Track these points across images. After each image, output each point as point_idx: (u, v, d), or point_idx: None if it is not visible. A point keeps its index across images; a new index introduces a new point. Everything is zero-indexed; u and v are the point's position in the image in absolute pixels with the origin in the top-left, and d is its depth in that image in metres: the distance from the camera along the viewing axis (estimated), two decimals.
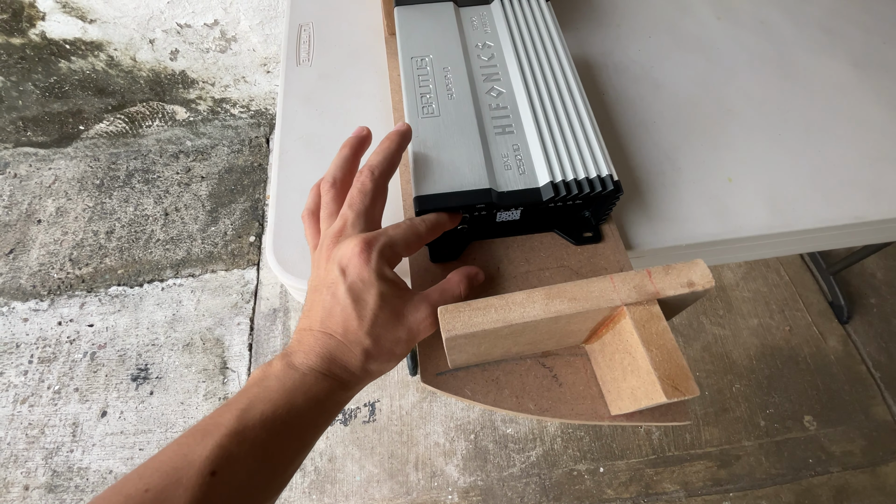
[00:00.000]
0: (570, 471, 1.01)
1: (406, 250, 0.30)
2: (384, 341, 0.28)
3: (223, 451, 0.23)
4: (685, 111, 0.50)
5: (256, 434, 0.25)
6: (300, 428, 0.27)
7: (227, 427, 0.24)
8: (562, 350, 0.34)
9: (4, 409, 1.07)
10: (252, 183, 1.40)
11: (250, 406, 0.25)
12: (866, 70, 0.54)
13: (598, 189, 0.34)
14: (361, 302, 0.28)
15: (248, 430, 0.24)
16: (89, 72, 1.20)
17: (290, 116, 0.48)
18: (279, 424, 0.25)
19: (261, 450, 0.25)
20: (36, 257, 1.27)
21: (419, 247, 0.32)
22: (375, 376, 0.30)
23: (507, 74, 0.41)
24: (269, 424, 0.25)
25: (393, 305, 0.28)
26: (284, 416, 0.26)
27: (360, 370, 0.29)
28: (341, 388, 0.28)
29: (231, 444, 0.24)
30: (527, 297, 0.27)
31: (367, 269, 0.28)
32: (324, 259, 0.30)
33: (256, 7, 1.08)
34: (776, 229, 0.42)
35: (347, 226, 0.30)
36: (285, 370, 0.27)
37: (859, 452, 1.03)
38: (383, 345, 0.28)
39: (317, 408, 0.27)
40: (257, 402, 0.26)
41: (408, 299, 0.29)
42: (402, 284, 0.30)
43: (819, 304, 1.21)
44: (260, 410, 0.25)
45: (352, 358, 0.28)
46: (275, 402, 0.26)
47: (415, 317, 0.29)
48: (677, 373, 0.24)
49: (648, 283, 0.27)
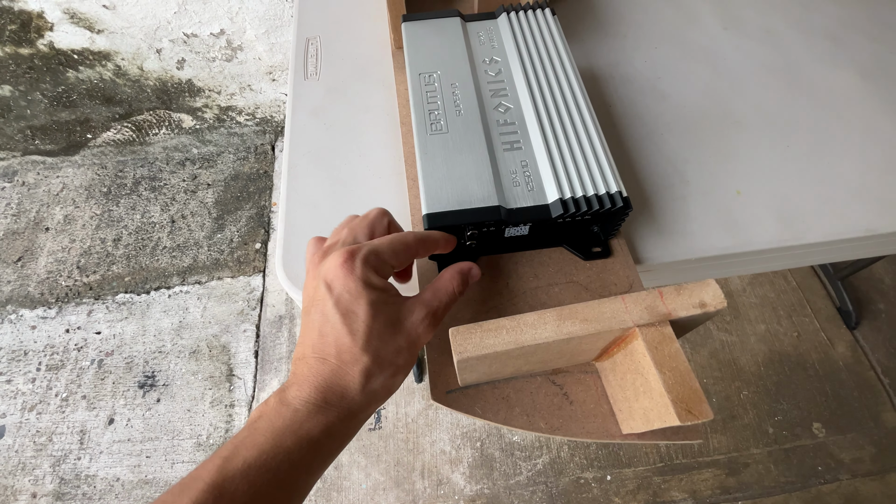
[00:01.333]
0: (577, 479, 1.00)
1: (394, 258, 0.28)
2: (384, 354, 0.26)
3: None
4: (693, 123, 0.49)
5: (237, 486, 0.22)
6: (290, 473, 0.24)
7: (206, 481, 0.22)
8: (572, 367, 0.34)
9: (13, 417, 1.08)
10: (258, 190, 1.40)
11: (234, 454, 0.23)
12: (874, 80, 0.53)
13: (607, 206, 0.34)
14: (351, 315, 0.26)
15: (227, 483, 0.22)
16: (97, 81, 1.21)
17: (298, 131, 0.48)
18: (265, 473, 0.23)
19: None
20: (44, 265, 1.28)
21: (408, 258, 0.29)
22: (383, 397, 0.28)
23: (515, 90, 0.41)
24: (254, 474, 0.23)
25: (386, 313, 0.26)
26: (270, 462, 0.23)
27: (360, 394, 0.26)
28: (342, 419, 0.26)
29: (208, 500, 0.21)
30: (538, 318, 0.27)
31: (352, 279, 0.26)
32: (310, 278, 0.28)
33: (262, 16, 1.09)
34: (786, 242, 0.42)
35: (338, 243, 0.28)
36: (277, 408, 0.25)
37: (869, 460, 1.02)
38: (384, 358, 0.26)
39: (310, 448, 0.24)
40: (242, 448, 0.23)
41: (400, 304, 0.28)
42: (392, 290, 0.28)
43: (827, 309, 1.20)
44: (243, 458, 0.23)
45: (350, 382, 0.26)
46: (260, 446, 0.23)
47: (411, 321, 0.27)
48: (691, 396, 0.24)
49: (660, 303, 0.27)
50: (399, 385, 0.28)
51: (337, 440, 0.26)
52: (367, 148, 0.47)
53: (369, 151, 0.47)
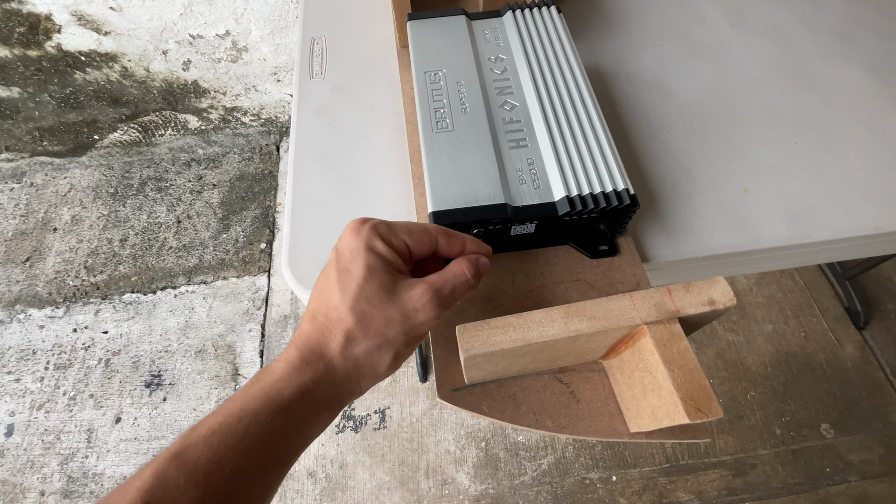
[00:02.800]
0: (583, 479, 1.00)
1: (407, 235, 0.27)
2: (370, 319, 0.25)
3: (157, 480, 0.20)
4: (699, 120, 0.49)
5: (200, 453, 0.20)
6: (258, 438, 0.22)
7: (170, 450, 0.21)
8: (579, 366, 0.34)
9: (21, 416, 1.09)
10: (263, 190, 1.41)
11: (202, 422, 0.22)
12: (883, 76, 0.53)
13: (614, 203, 0.34)
14: (346, 273, 0.25)
15: (189, 450, 0.21)
16: (104, 82, 1.22)
17: (303, 130, 0.49)
18: (229, 438, 0.21)
19: (202, 474, 0.20)
20: (52, 265, 1.29)
21: (426, 243, 0.28)
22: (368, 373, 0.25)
23: (521, 87, 0.41)
24: (217, 439, 0.21)
25: (382, 279, 0.25)
26: (235, 426, 0.21)
27: (339, 356, 0.24)
28: (317, 382, 0.24)
29: (168, 468, 0.20)
30: (546, 315, 0.27)
31: (356, 240, 0.26)
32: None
33: (267, 17, 1.09)
34: (794, 241, 0.42)
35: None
36: (256, 374, 0.24)
37: (878, 461, 1.01)
38: (370, 323, 0.25)
39: (279, 411, 0.22)
40: (211, 415, 0.22)
41: (402, 277, 0.26)
42: (397, 263, 0.26)
43: (835, 309, 1.19)
44: (208, 424, 0.21)
45: (330, 340, 0.24)
46: (227, 410, 0.22)
47: (409, 294, 0.25)
48: (700, 393, 0.24)
49: (669, 301, 0.27)
50: (387, 365, 0.26)
51: (312, 406, 0.24)
52: (373, 147, 0.47)
53: (375, 150, 0.47)
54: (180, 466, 0.20)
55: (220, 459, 0.21)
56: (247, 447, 0.21)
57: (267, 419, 0.22)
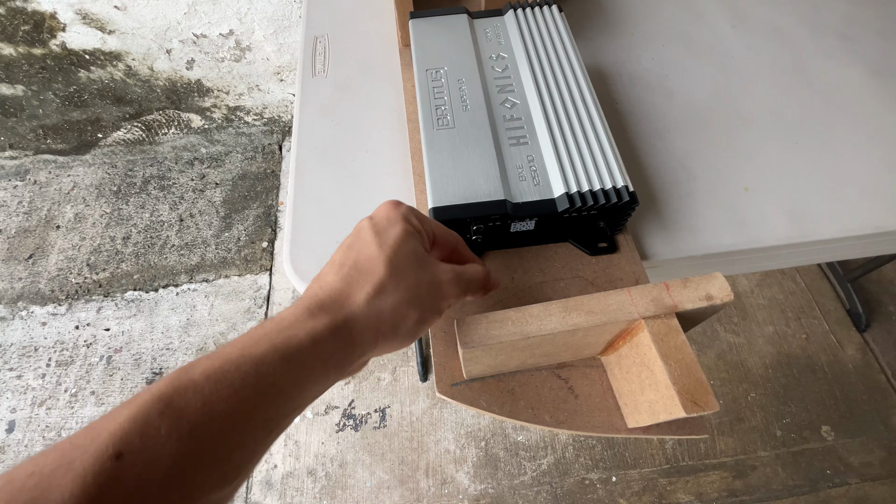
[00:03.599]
0: (582, 480, 1.00)
1: (434, 228, 0.28)
2: (405, 275, 0.24)
3: (135, 426, 0.17)
4: (700, 120, 0.49)
5: (188, 400, 0.18)
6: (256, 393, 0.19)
7: (153, 391, 0.18)
8: (577, 361, 0.34)
9: (23, 412, 1.09)
10: (265, 189, 1.41)
11: (196, 364, 0.19)
12: (884, 77, 0.53)
13: (613, 200, 0.34)
14: (384, 233, 0.25)
15: (178, 396, 0.18)
16: (108, 81, 1.23)
17: (306, 128, 0.49)
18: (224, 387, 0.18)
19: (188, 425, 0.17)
20: (55, 262, 1.30)
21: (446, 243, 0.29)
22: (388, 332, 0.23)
23: (522, 85, 0.41)
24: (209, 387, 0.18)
25: (416, 247, 0.25)
26: (232, 374, 0.19)
27: (364, 304, 0.22)
28: (332, 330, 0.21)
29: (150, 413, 0.17)
30: (544, 309, 0.27)
31: (394, 211, 0.26)
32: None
33: (271, 17, 1.09)
34: (794, 239, 0.42)
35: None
36: (268, 319, 0.21)
37: (878, 464, 1.01)
38: (403, 279, 0.24)
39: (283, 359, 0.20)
40: (206, 357, 0.19)
41: (430, 254, 0.27)
42: (425, 242, 0.27)
43: (836, 311, 1.19)
44: (203, 368, 0.19)
45: (357, 289, 0.23)
46: (226, 355, 0.19)
47: (438, 268, 0.26)
48: (696, 387, 0.24)
49: (666, 296, 0.27)
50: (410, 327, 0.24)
51: (321, 359, 0.21)
52: (375, 144, 0.47)
53: (376, 148, 0.47)
54: (164, 413, 0.17)
55: (211, 411, 0.18)
56: (242, 399, 0.19)
57: (269, 369, 0.19)
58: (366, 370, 1.12)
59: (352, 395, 1.09)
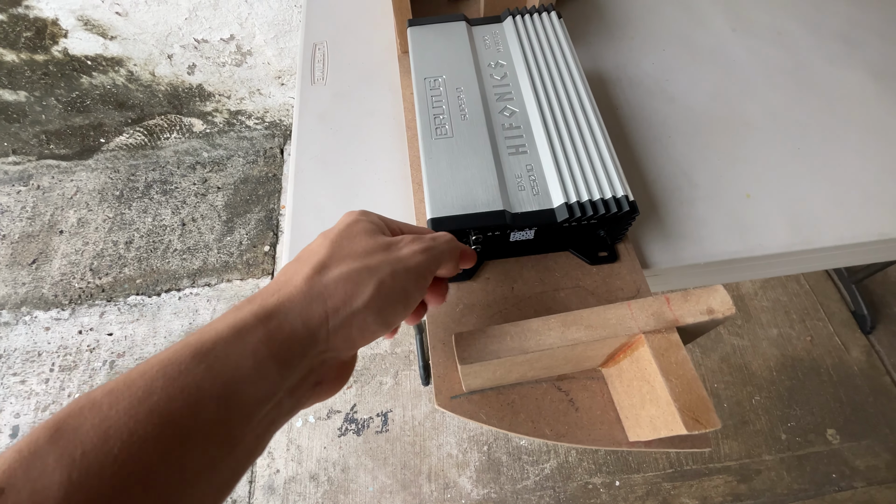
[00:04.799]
0: (586, 484, 1.00)
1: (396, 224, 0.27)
2: (349, 249, 0.23)
3: (21, 457, 0.14)
4: (701, 125, 0.49)
5: (81, 421, 0.15)
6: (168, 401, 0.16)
7: (49, 419, 0.15)
8: (578, 374, 0.33)
9: (26, 417, 1.09)
10: (267, 193, 1.42)
11: (103, 385, 0.16)
12: (887, 81, 0.52)
13: (613, 210, 0.34)
14: (333, 229, 0.25)
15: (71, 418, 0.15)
16: (110, 86, 1.23)
17: (305, 135, 0.49)
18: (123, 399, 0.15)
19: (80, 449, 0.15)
20: (58, 267, 1.30)
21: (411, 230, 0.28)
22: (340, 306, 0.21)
23: (521, 94, 0.41)
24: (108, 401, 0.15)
25: (366, 227, 0.25)
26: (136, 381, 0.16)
27: (301, 284, 0.20)
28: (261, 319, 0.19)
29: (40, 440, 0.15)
30: (543, 324, 0.27)
31: (349, 214, 0.26)
32: None
33: (271, 22, 1.10)
34: (797, 247, 0.41)
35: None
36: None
37: (884, 467, 1.00)
38: (347, 252, 0.22)
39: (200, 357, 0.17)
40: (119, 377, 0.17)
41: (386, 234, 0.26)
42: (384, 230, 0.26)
43: (841, 313, 1.18)
44: (108, 386, 0.16)
45: (295, 276, 0.21)
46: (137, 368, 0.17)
47: (392, 238, 0.25)
48: (698, 404, 0.24)
49: (667, 310, 0.27)
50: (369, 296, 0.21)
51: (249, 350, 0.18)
52: (373, 152, 0.47)
53: (375, 156, 0.47)
54: (53, 438, 0.15)
55: (108, 428, 0.15)
56: (150, 410, 0.15)
57: (177, 369, 0.16)
58: (367, 374, 1.12)
59: (354, 399, 1.09)
